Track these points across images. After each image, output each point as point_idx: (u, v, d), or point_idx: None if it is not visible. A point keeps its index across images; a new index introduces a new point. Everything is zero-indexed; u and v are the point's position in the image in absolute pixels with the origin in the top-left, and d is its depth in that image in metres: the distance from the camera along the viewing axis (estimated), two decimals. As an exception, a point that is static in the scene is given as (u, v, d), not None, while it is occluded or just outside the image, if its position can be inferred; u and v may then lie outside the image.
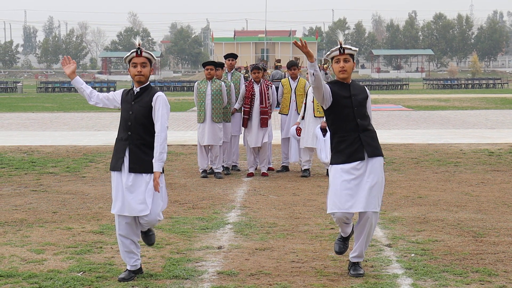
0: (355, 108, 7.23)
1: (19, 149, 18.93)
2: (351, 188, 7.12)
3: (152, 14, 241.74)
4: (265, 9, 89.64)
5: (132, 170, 7.12)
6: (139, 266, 7.30)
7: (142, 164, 7.12)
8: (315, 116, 13.77)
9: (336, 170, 7.22)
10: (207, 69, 13.98)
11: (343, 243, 7.52)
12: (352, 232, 7.48)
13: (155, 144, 7.11)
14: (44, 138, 22.13)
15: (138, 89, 7.28)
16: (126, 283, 6.94)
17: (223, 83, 14.19)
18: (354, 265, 7.33)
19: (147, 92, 7.27)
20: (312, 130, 13.77)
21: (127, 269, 7.27)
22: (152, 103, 7.19)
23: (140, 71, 7.20)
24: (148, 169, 7.12)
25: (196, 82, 14.37)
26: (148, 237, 7.45)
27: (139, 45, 7.24)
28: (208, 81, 14.06)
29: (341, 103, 7.22)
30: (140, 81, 7.24)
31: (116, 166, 7.20)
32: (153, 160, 7.07)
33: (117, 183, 7.20)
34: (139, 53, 7.22)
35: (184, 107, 36.86)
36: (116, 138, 7.33)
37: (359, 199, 7.12)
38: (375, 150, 7.23)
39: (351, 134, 7.21)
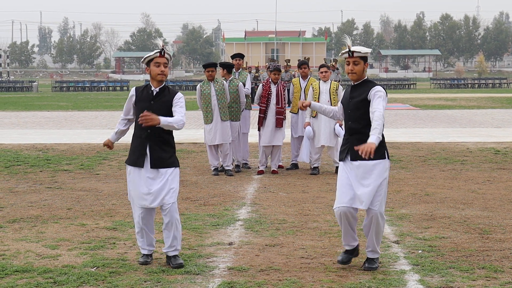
0: (349, 111, 7.44)
1: (34, 147, 19.10)
2: (345, 185, 7.33)
3: (164, 15, 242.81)
4: (275, 10, 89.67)
5: (154, 166, 7.44)
6: (153, 249, 7.71)
7: (162, 160, 7.45)
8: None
9: (340, 167, 7.53)
10: (208, 71, 14.08)
11: (346, 256, 7.57)
12: (357, 249, 7.61)
13: (175, 116, 7.40)
14: (59, 136, 22.33)
15: (157, 89, 7.49)
16: (139, 278, 7.01)
17: (225, 82, 14.31)
18: (369, 260, 7.46)
19: (167, 92, 7.51)
20: (328, 128, 13.82)
21: (144, 254, 7.63)
22: (174, 102, 7.46)
23: (163, 71, 7.44)
24: (168, 165, 7.46)
25: (199, 85, 14.43)
26: (176, 261, 7.63)
27: (162, 46, 7.47)
28: (210, 82, 14.17)
29: (343, 104, 7.55)
30: (161, 80, 7.47)
31: (137, 162, 7.48)
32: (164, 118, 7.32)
33: (138, 178, 7.48)
34: (162, 53, 7.43)
35: (195, 106, 36.73)
36: (133, 135, 7.58)
37: (350, 195, 7.30)
38: (358, 155, 7.23)
39: (346, 135, 7.50)
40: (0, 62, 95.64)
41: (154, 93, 7.50)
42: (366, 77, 7.48)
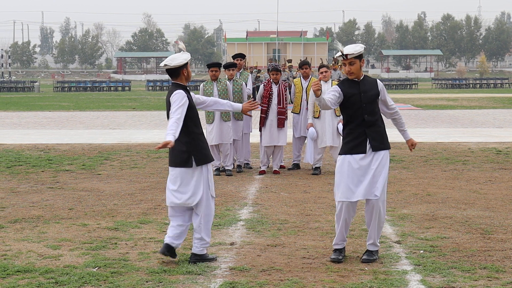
0: (364, 104, 7.64)
1: (36, 147, 19.11)
2: (355, 178, 7.55)
3: (166, 15, 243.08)
4: (277, 10, 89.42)
5: None
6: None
7: None
8: (336, 116, 13.78)
9: (343, 160, 7.65)
10: (212, 71, 14.07)
11: (339, 253, 7.78)
12: (344, 250, 7.83)
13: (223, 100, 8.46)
14: (60, 137, 22.35)
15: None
16: (140, 278, 7.01)
17: (228, 82, 14.30)
18: (368, 252, 7.71)
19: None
20: (332, 128, 13.80)
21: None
22: (194, 97, 7.99)
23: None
24: None
25: (202, 84, 14.44)
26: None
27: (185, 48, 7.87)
28: (213, 82, 14.16)
29: (350, 100, 7.64)
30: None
31: (210, 157, 8.01)
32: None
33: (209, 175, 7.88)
34: None
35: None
36: (196, 133, 7.86)
37: (362, 188, 7.54)
38: (379, 144, 7.64)
39: (357, 128, 7.64)
40: (2, 62, 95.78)
41: (190, 92, 7.90)
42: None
